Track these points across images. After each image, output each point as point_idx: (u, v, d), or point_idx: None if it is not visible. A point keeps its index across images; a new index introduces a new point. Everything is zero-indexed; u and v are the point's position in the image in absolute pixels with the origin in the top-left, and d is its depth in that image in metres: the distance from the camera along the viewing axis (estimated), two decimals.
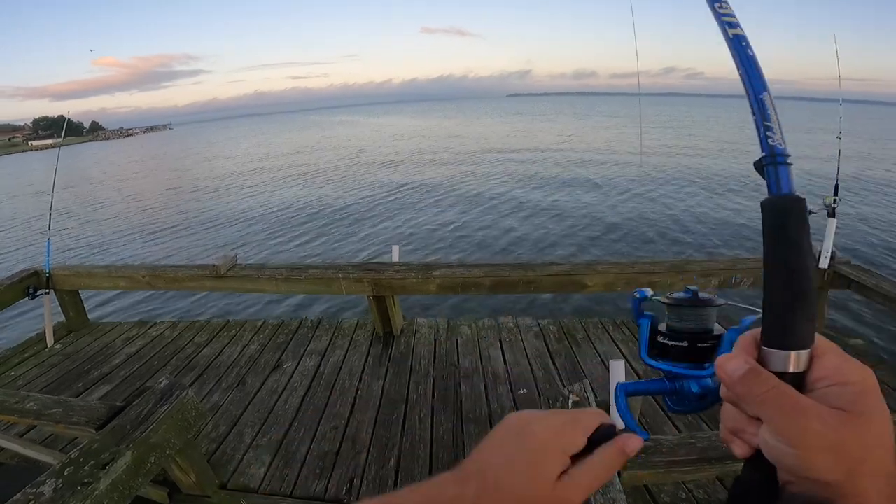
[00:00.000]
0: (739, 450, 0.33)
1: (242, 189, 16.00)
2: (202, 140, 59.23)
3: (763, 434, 0.30)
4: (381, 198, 12.53)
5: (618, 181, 13.39)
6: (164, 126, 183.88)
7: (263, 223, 10.68)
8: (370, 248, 8.26)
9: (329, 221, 10.41)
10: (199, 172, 22.89)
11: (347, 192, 13.69)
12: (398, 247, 3.54)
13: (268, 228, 10.18)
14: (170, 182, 20.08)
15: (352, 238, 9.00)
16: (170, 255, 8.92)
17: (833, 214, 2.76)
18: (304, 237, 9.38)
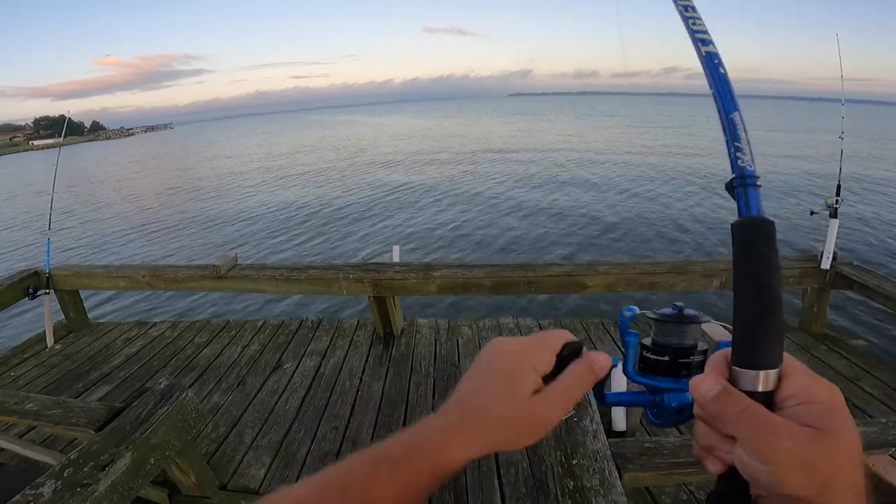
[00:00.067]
0: (713, 466, 0.34)
1: (243, 189, 16.00)
2: (203, 140, 59.24)
3: (737, 451, 0.31)
4: (382, 197, 12.53)
5: (618, 181, 13.39)
6: (166, 126, 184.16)
7: (264, 223, 10.68)
8: (370, 248, 8.25)
9: (329, 221, 10.40)
10: (200, 172, 22.90)
11: (348, 192, 13.69)
12: (398, 247, 3.53)
13: (268, 228, 10.18)
14: (170, 181, 20.09)
15: (352, 238, 8.99)
16: (170, 255, 8.92)
17: (835, 215, 2.75)
18: (304, 236, 9.38)
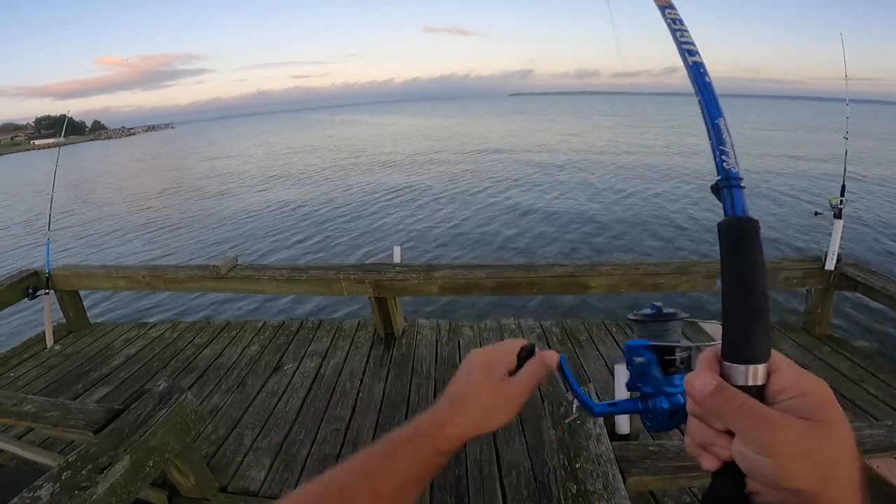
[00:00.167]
0: (708, 463, 0.34)
1: (244, 188, 16.00)
2: (204, 139, 59.26)
3: (737, 446, 0.31)
4: (383, 197, 12.52)
5: (618, 180, 13.36)
6: (167, 125, 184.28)
7: (264, 222, 10.68)
8: (370, 246, 8.24)
9: (329, 220, 10.40)
10: (201, 172, 22.90)
11: (348, 192, 13.68)
12: (399, 247, 3.51)
13: (268, 227, 10.17)
14: (171, 181, 20.11)
15: (352, 237, 8.98)
16: (171, 254, 8.92)
17: (839, 216, 2.72)
18: (304, 235, 9.37)
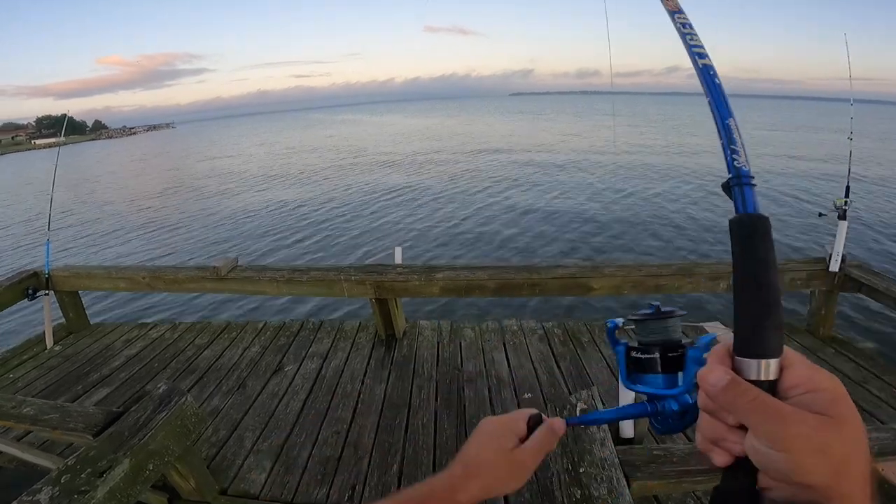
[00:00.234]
0: (720, 458, 0.34)
1: (244, 188, 15.98)
2: (204, 139, 59.28)
3: (751, 441, 0.31)
4: (382, 196, 12.51)
5: (618, 180, 13.33)
6: (168, 125, 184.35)
7: (264, 222, 10.66)
8: (370, 246, 8.22)
9: (329, 219, 10.39)
10: (201, 171, 22.90)
11: (348, 191, 13.67)
12: (400, 248, 3.48)
13: (268, 227, 10.16)
14: (171, 181, 20.09)
15: (352, 237, 8.97)
16: (171, 254, 8.91)
17: (844, 217, 2.70)
18: (304, 234, 9.36)
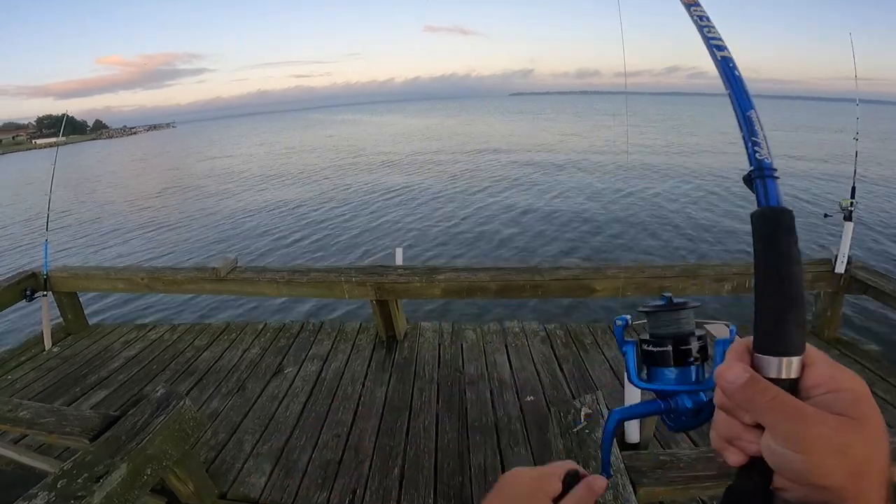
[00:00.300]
0: (734, 457, 0.33)
1: (243, 188, 15.97)
2: (204, 139, 59.27)
3: (767, 441, 0.30)
4: (382, 196, 12.49)
5: (617, 180, 13.32)
6: (168, 125, 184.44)
7: (263, 221, 10.65)
8: (370, 245, 8.20)
9: (329, 219, 10.37)
10: (201, 171, 22.90)
11: (348, 191, 13.65)
12: (401, 249, 3.46)
13: (267, 227, 10.14)
14: (171, 181, 20.09)
15: (352, 236, 8.94)
16: (170, 253, 8.89)
17: (850, 218, 2.68)
18: (303, 234, 9.34)
